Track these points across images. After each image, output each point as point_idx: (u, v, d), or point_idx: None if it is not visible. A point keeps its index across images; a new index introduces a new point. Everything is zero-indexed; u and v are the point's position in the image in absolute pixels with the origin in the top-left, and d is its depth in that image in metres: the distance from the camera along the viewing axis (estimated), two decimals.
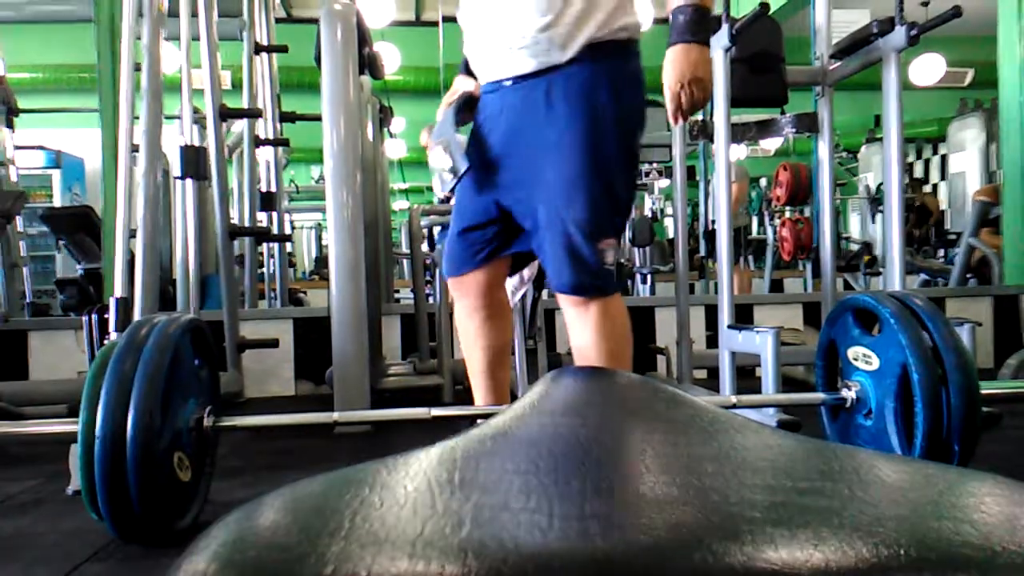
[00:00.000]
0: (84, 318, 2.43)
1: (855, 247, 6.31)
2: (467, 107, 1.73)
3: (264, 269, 4.72)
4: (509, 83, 1.64)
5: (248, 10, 3.84)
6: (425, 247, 3.39)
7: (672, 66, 1.56)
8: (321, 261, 10.00)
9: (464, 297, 1.82)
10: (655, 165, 5.51)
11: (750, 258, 7.19)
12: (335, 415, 1.85)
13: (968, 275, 5.06)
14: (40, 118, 5.73)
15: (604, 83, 1.57)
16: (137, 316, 2.30)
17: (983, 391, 1.61)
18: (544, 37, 1.56)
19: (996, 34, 4.53)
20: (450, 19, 8.04)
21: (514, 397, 2.58)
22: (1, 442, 2.52)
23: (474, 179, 1.70)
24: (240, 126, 4.11)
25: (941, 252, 6.70)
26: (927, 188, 7.99)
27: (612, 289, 1.63)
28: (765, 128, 3.33)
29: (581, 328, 1.64)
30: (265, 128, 4.12)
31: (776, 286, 6.22)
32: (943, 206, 7.29)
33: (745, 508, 0.62)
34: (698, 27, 1.54)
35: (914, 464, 0.80)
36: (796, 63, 2.97)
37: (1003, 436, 2.35)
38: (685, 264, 3.05)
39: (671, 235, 7.67)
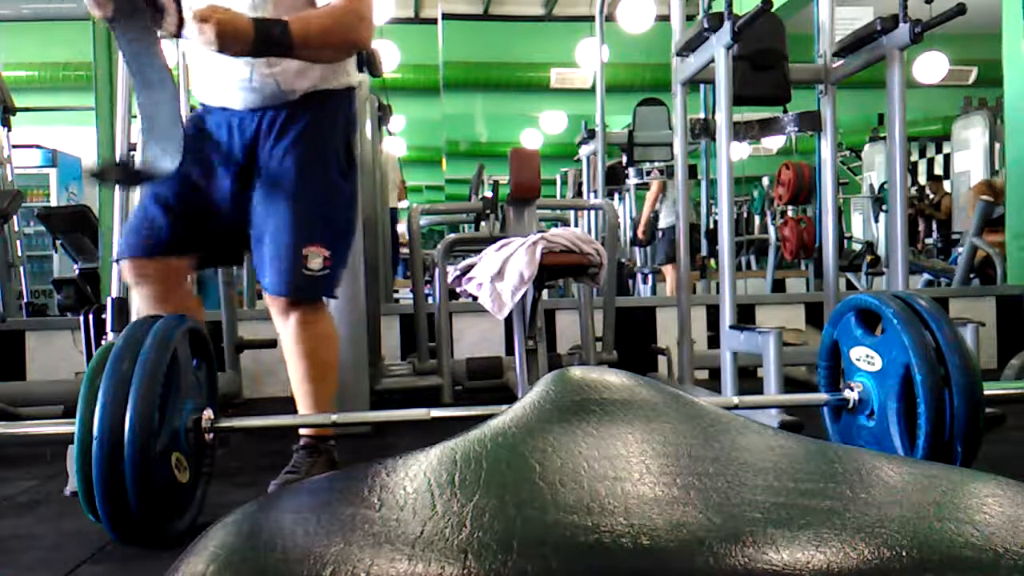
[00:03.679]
0: (81, 318, 2.41)
1: (858, 247, 6.30)
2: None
3: None
4: (238, 111, 1.87)
5: None
6: None
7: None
8: None
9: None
10: (656, 164, 5.50)
11: (751, 258, 7.18)
12: (334, 416, 1.84)
13: (971, 275, 5.05)
14: (36, 117, 5.71)
15: (312, 125, 1.85)
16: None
17: (986, 392, 1.60)
18: (271, 81, 1.82)
19: (1000, 31, 4.52)
20: (449, 16, 8.03)
21: (514, 397, 2.57)
22: None
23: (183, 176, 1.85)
24: None
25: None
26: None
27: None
28: (767, 126, 3.32)
29: None
30: None
31: (778, 286, 6.21)
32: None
33: (747, 509, 0.62)
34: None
35: (917, 465, 0.79)
36: (799, 61, 2.96)
37: (1006, 437, 2.34)
38: (687, 263, 3.04)
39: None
